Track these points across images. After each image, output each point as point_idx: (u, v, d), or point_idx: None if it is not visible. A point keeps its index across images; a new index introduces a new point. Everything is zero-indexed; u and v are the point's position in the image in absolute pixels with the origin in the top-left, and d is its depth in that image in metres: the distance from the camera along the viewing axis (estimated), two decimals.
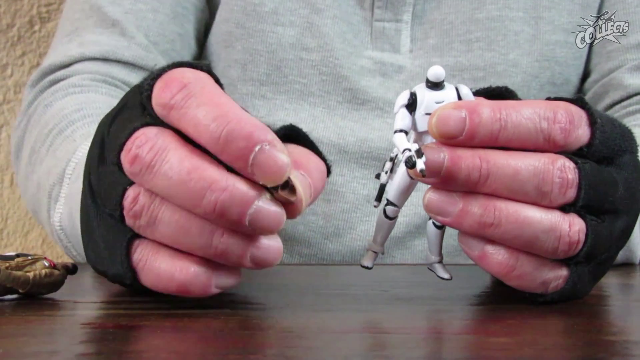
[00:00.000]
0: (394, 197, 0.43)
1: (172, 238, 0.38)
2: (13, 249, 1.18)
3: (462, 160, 0.39)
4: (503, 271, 0.41)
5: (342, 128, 0.73)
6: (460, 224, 0.40)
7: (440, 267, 0.44)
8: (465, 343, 0.34)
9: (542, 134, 0.40)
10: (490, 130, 0.39)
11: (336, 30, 0.73)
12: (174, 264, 0.39)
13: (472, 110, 0.39)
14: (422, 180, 0.40)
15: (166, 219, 0.38)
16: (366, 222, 0.71)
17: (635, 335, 0.38)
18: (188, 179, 0.36)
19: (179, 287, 0.39)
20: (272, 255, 0.38)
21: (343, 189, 0.72)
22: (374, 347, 0.34)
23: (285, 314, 0.41)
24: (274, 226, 0.37)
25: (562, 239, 0.40)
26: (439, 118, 0.39)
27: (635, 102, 0.75)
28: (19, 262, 0.43)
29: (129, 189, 0.39)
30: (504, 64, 0.73)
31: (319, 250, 0.72)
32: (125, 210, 0.39)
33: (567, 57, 0.76)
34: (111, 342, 0.34)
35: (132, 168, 0.38)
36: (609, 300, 0.48)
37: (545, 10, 0.75)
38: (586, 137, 0.41)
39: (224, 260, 0.38)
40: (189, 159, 0.37)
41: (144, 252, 0.39)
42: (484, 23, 0.74)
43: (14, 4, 1.19)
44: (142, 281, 0.40)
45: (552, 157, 0.40)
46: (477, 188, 0.39)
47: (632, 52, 0.76)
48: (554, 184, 0.39)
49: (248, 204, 0.36)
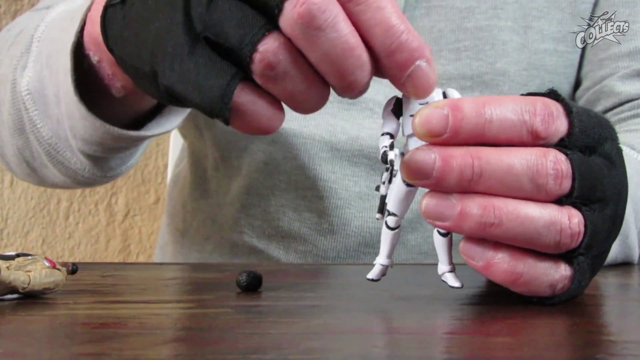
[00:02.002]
0: (394, 207, 0.42)
1: (290, 95, 0.39)
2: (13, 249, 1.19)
3: (454, 158, 0.39)
4: (510, 279, 0.41)
5: (333, 126, 0.73)
6: (460, 227, 0.40)
7: (451, 277, 0.43)
8: (465, 343, 0.34)
9: (525, 126, 0.40)
10: (475, 124, 0.39)
11: None
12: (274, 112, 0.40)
13: (454, 106, 0.39)
14: (417, 184, 0.40)
15: (295, 80, 0.39)
16: (360, 218, 0.72)
17: (635, 335, 0.38)
18: (349, 54, 0.38)
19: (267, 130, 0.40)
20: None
21: (335, 185, 0.73)
22: (374, 347, 0.34)
23: (285, 314, 0.41)
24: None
25: (563, 232, 0.40)
26: (422, 117, 0.40)
27: (627, 109, 0.76)
28: (19, 262, 0.43)
29: (270, 34, 0.38)
30: (492, 73, 0.74)
31: (314, 247, 0.73)
32: (260, 54, 0.38)
33: (557, 65, 0.77)
34: (111, 342, 0.34)
35: (297, 22, 0.37)
36: (608, 300, 0.48)
37: (535, 19, 0.76)
38: (565, 127, 0.41)
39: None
40: (354, 37, 0.38)
41: (247, 96, 0.39)
42: (472, 32, 0.75)
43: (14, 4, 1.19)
44: (233, 121, 0.40)
45: (542, 150, 0.40)
46: (472, 186, 0.39)
47: (624, 60, 0.76)
48: (549, 176, 0.39)
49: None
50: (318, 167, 0.73)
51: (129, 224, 1.40)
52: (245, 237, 0.77)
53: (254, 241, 0.76)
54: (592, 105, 0.78)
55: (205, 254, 0.81)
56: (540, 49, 0.76)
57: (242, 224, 0.77)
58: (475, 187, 0.39)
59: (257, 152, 0.75)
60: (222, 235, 0.79)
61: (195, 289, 0.52)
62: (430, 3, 0.75)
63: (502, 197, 0.40)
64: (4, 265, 0.42)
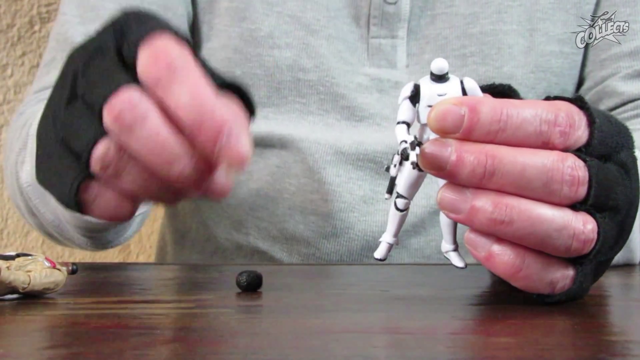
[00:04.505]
0: (404, 190, 0.43)
1: (130, 190, 0.42)
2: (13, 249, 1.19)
3: (468, 155, 0.39)
4: (510, 272, 0.41)
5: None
6: (471, 221, 0.40)
7: (455, 255, 0.43)
8: (465, 343, 0.34)
9: (541, 137, 0.40)
10: (487, 130, 0.39)
11: (332, 49, 0.75)
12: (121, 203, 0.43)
13: (472, 108, 0.39)
14: (432, 173, 0.40)
15: (131, 175, 0.42)
16: (363, 222, 0.72)
17: (635, 335, 0.38)
18: (160, 148, 0.40)
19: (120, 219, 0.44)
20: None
21: (340, 189, 0.73)
22: (373, 347, 0.34)
23: (285, 314, 0.41)
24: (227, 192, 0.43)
25: (576, 237, 0.40)
26: (438, 112, 0.40)
27: (629, 109, 0.76)
28: (19, 262, 0.43)
29: (102, 140, 0.41)
30: (499, 77, 0.74)
31: (317, 250, 0.73)
32: (94, 159, 0.41)
33: (562, 67, 0.77)
34: (111, 342, 0.34)
35: (113, 124, 0.40)
36: (609, 300, 0.48)
37: (540, 22, 0.76)
38: (585, 138, 0.41)
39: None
40: (164, 130, 0.40)
41: (94, 191, 0.43)
42: (478, 38, 0.75)
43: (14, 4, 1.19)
44: (88, 212, 0.44)
45: (561, 155, 0.40)
46: (483, 184, 0.39)
47: (625, 60, 0.76)
48: (564, 182, 0.39)
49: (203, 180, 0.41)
50: (323, 170, 0.73)
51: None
52: (251, 238, 0.77)
53: (258, 243, 0.76)
54: (594, 105, 0.78)
55: (206, 255, 0.81)
56: (546, 51, 0.76)
57: (248, 226, 0.77)
58: (487, 185, 0.39)
59: (272, 156, 0.75)
60: (226, 236, 0.79)
61: (196, 289, 0.52)
62: (434, 11, 0.75)
63: (517, 196, 0.40)
64: (4, 265, 0.42)
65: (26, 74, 1.18)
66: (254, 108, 0.48)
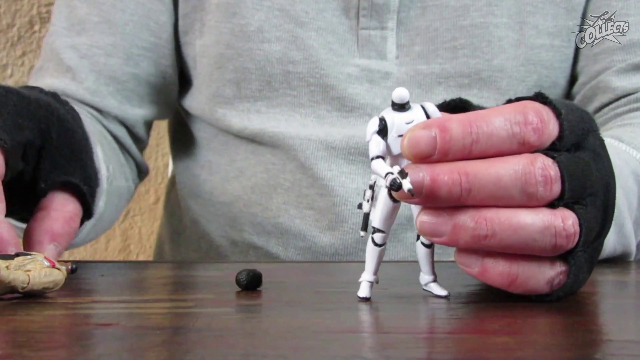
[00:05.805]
0: (380, 224, 0.42)
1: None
2: None
3: (441, 177, 0.39)
4: (507, 281, 0.41)
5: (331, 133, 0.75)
6: (455, 241, 0.40)
7: (435, 286, 0.44)
8: (465, 343, 0.34)
9: (515, 139, 0.40)
10: (462, 145, 0.39)
11: (321, 41, 0.75)
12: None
13: (442, 127, 0.39)
14: (406, 200, 0.40)
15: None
16: (357, 214, 0.73)
17: (633, 335, 0.38)
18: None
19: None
20: None
21: (332, 183, 0.74)
22: (373, 347, 0.34)
23: (285, 313, 0.41)
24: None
25: (558, 235, 0.40)
26: (410, 139, 0.40)
27: (623, 104, 0.76)
28: (18, 261, 0.43)
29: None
30: (489, 69, 0.75)
31: (313, 244, 0.74)
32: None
33: (553, 60, 0.77)
34: (111, 342, 0.34)
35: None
36: (607, 298, 0.48)
37: (530, 15, 0.76)
38: (556, 131, 0.41)
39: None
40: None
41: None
42: (468, 30, 0.75)
43: (14, 4, 1.19)
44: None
45: (530, 158, 0.40)
46: (462, 202, 0.40)
47: (619, 54, 0.76)
48: (538, 184, 0.40)
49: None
50: (315, 166, 0.74)
51: (129, 224, 1.40)
52: (245, 234, 0.77)
53: (253, 238, 0.77)
54: (589, 100, 0.78)
55: (202, 252, 0.81)
56: (536, 44, 0.76)
57: (242, 222, 0.77)
58: (466, 202, 0.40)
59: (265, 153, 0.76)
60: (220, 233, 0.79)
61: (195, 288, 0.53)
62: (424, 3, 0.75)
63: (494, 207, 0.40)
64: (3, 264, 0.42)
65: (26, 74, 1.18)
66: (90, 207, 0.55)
